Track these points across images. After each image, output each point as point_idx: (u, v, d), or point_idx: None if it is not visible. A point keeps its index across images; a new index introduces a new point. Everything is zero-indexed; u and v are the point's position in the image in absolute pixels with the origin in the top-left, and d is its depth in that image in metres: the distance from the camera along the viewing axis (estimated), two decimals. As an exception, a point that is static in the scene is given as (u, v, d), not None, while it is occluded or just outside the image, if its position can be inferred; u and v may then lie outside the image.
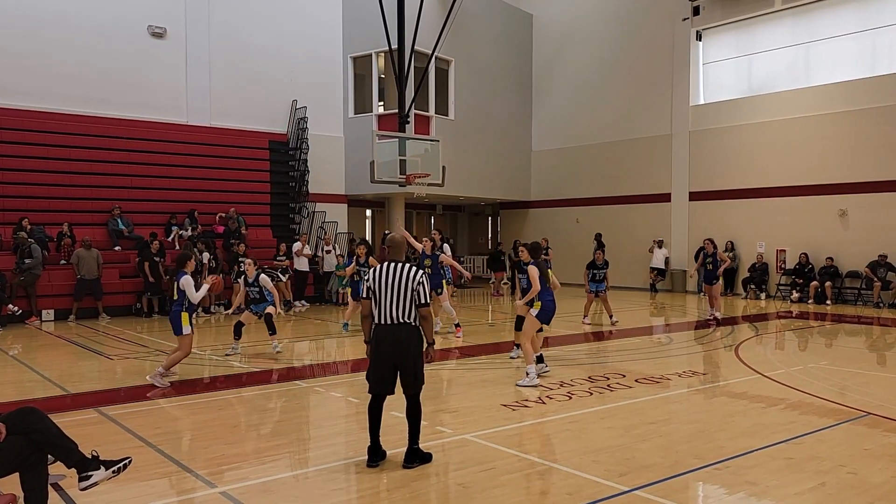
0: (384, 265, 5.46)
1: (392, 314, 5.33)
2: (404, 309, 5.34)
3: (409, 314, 5.36)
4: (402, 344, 5.33)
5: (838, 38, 19.29)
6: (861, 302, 18.11)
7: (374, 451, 5.44)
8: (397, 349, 5.32)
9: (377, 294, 5.38)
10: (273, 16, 20.14)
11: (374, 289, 5.39)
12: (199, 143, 18.68)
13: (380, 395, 5.45)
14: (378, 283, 5.37)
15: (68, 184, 16.53)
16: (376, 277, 5.40)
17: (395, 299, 5.32)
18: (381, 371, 5.38)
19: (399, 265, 5.43)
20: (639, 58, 23.26)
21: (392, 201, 22.97)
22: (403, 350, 5.33)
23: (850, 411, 7.12)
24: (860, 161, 18.29)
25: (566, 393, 7.85)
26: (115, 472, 4.46)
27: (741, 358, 10.23)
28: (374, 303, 5.40)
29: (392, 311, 5.33)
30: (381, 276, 5.38)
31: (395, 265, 5.43)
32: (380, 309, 5.37)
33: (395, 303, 5.32)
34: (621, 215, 23.34)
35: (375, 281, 5.39)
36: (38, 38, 16.51)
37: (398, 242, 5.66)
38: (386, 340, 5.33)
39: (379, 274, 5.40)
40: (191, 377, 9.29)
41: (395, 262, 5.47)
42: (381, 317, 5.37)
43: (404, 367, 5.35)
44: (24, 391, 7.99)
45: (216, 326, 14.32)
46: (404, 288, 5.33)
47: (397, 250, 5.61)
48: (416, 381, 5.40)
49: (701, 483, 5.19)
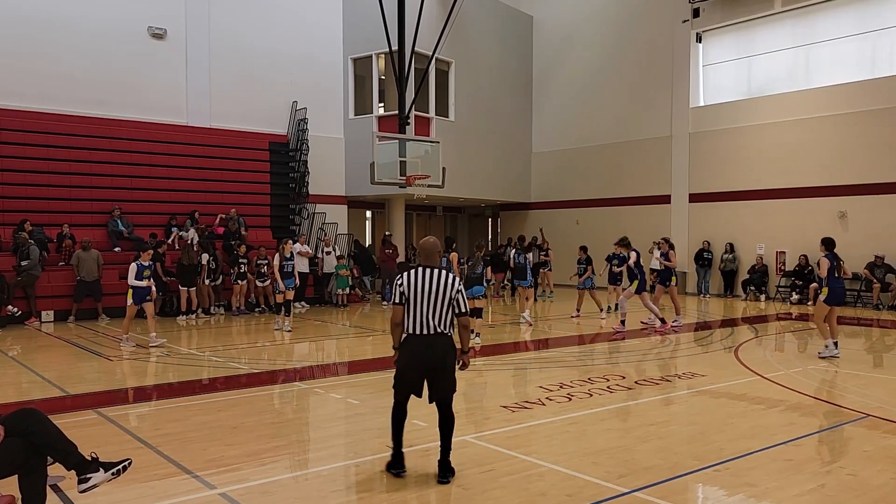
0: (419, 271, 5.11)
1: (428, 324, 5.00)
2: (441, 318, 5.03)
3: (445, 324, 5.05)
4: (437, 357, 5.01)
5: (838, 40, 19.31)
6: (860, 304, 18.11)
7: (399, 458, 5.21)
8: (431, 362, 5.00)
9: (412, 301, 5.04)
10: (273, 17, 20.14)
11: (409, 295, 5.05)
12: (200, 144, 18.67)
13: (404, 400, 5.20)
14: (413, 290, 5.03)
15: (68, 185, 16.52)
16: (410, 283, 5.06)
17: (432, 308, 5.00)
18: (410, 379, 5.10)
19: (435, 271, 5.10)
20: (639, 60, 23.29)
21: (392, 203, 22.98)
22: (439, 362, 5.01)
23: (850, 413, 7.12)
24: (860, 163, 18.31)
25: (566, 394, 7.85)
26: (114, 473, 4.46)
27: (741, 360, 10.22)
28: (408, 311, 5.06)
29: (428, 320, 5.00)
30: (417, 283, 5.05)
31: (430, 271, 5.09)
32: (414, 317, 5.03)
33: (431, 312, 5.00)
34: (621, 217, 23.33)
35: (410, 287, 5.05)
36: (39, 39, 16.51)
37: (432, 247, 5.28)
38: (419, 353, 5.02)
39: (414, 280, 5.07)
40: (190, 378, 9.29)
41: (430, 267, 5.13)
42: (416, 326, 5.03)
43: (438, 379, 5.05)
44: (24, 392, 7.98)
45: (216, 327, 14.32)
46: (442, 296, 5.02)
47: (432, 255, 5.24)
48: (450, 390, 5.10)
49: (701, 485, 5.19)
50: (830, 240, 10.33)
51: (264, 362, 10.26)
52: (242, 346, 11.99)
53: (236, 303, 16.21)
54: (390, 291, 18.58)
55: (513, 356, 11.11)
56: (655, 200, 22.84)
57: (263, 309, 16.55)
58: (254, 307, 16.65)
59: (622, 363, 10.44)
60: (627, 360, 10.82)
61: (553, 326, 14.49)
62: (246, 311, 16.32)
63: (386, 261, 19.09)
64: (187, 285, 15.31)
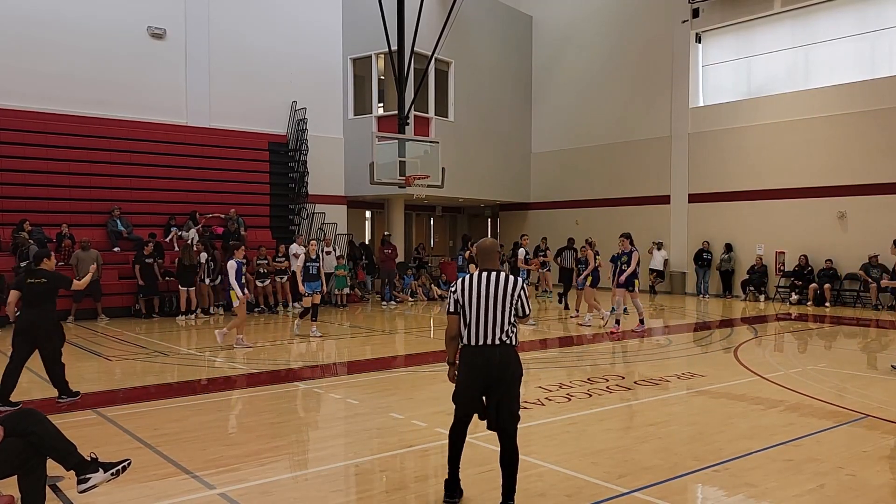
0: (478, 275, 4.58)
1: (486, 333, 4.45)
2: (502, 326, 4.46)
3: (506, 331, 4.48)
4: (497, 367, 4.43)
5: (838, 40, 19.32)
6: (860, 304, 18.12)
7: (453, 485, 4.68)
8: (491, 374, 4.44)
9: (468, 309, 4.50)
10: (273, 17, 20.13)
11: (464, 302, 4.52)
12: (199, 144, 18.66)
13: (465, 418, 4.65)
14: (470, 296, 4.51)
15: (68, 185, 16.51)
16: (466, 289, 4.55)
17: (492, 314, 4.46)
18: (469, 395, 4.57)
19: (495, 274, 4.57)
20: (638, 60, 23.29)
21: (391, 203, 22.98)
22: (500, 374, 4.44)
23: (849, 413, 7.12)
24: (859, 163, 18.31)
25: (565, 395, 7.85)
26: (113, 474, 4.46)
27: (740, 360, 10.23)
28: (464, 320, 4.53)
29: (486, 328, 4.45)
30: (475, 288, 4.52)
31: (489, 274, 4.57)
32: (470, 326, 4.49)
33: (491, 319, 4.46)
34: (621, 217, 23.33)
35: (465, 293, 4.53)
36: (38, 39, 16.49)
37: (491, 247, 4.78)
38: (476, 365, 4.47)
39: (470, 285, 4.54)
40: (189, 378, 9.29)
41: (489, 270, 4.61)
42: (473, 336, 4.48)
43: (500, 397, 4.47)
44: (23, 392, 7.97)
45: (215, 327, 14.30)
46: (502, 300, 4.48)
47: (491, 257, 4.72)
48: (513, 414, 4.50)
49: (700, 485, 5.19)
50: None
51: (264, 362, 10.26)
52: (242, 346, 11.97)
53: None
54: (389, 292, 18.89)
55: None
56: (655, 201, 22.85)
57: (263, 309, 16.54)
58: (253, 307, 16.64)
59: (622, 363, 10.44)
60: (627, 360, 10.82)
61: (552, 326, 14.48)
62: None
63: (385, 261, 19.09)
64: (187, 285, 15.31)
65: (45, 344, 7.36)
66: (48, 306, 7.44)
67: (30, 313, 7.33)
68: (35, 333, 7.31)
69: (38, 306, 7.34)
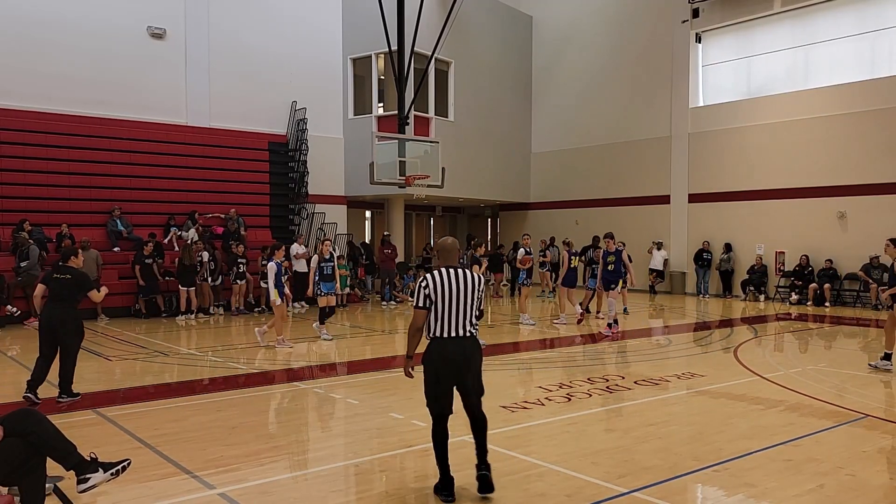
0: (445, 271, 4.87)
1: (457, 325, 4.80)
2: (470, 319, 4.85)
3: (472, 324, 4.88)
4: (467, 359, 4.83)
5: (837, 40, 19.32)
6: (860, 304, 18.12)
7: (448, 483, 4.83)
8: (462, 365, 4.81)
9: (439, 304, 4.78)
10: (272, 16, 20.14)
11: (436, 297, 4.78)
12: (199, 144, 18.67)
13: (445, 416, 4.89)
14: (440, 292, 4.79)
15: (67, 185, 16.52)
16: (437, 285, 4.80)
17: (462, 308, 4.81)
18: (443, 389, 4.82)
19: (460, 271, 4.89)
20: (638, 60, 23.29)
21: (391, 203, 22.98)
22: (467, 364, 4.83)
23: (849, 413, 7.12)
24: (859, 163, 18.31)
25: (565, 395, 7.85)
26: (113, 474, 4.46)
27: (740, 360, 10.23)
28: (435, 314, 4.80)
29: (458, 321, 4.80)
30: (446, 284, 4.81)
31: (455, 271, 4.88)
32: (441, 320, 4.79)
33: (462, 312, 4.81)
34: (620, 217, 23.34)
35: (437, 289, 4.79)
36: (38, 39, 16.50)
37: (452, 246, 5.06)
38: (449, 355, 4.79)
39: (441, 281, 4.82)
40: (189, 378, 9.29)
41: (454, 268, 4.91)
42: (445, 328, 4.79)
43: (468, 380, 4.84)
44: (22, 392, 7.97)
45: (215, 327, 14.32)
46: (471, 296, 4.85)
47: (453, 255, 5.04)
48: (481, 392, 4.96)
49: (700, 485, 5.19)
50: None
51: (264, 362, 10.26)
52: (242, 346, 11.98)
53: (236, 303, 16.21)
54: (389, 291, 18.89)
55: (512, 356, 11.11)
56: (655, 201, 22.85)
57: (263, 309, 16.54)
58: (253, 307, 16.65)
59: (621, 363, 10.44)
60: (627, 360, 10.83)
61: (551, 326, 14.47)
62: (245, 311, 16.32)
63: (385, 261, 19.10)
64: (187, 285, 15.31)
65: (65, 339, 7.48)
66: (71, 303, 7.54)
67: (52, 308, 7.49)
68: (56, 328, 7.44)
69: (60, 302, 7.49)
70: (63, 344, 7.49)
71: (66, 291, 7.50)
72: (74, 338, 7.55)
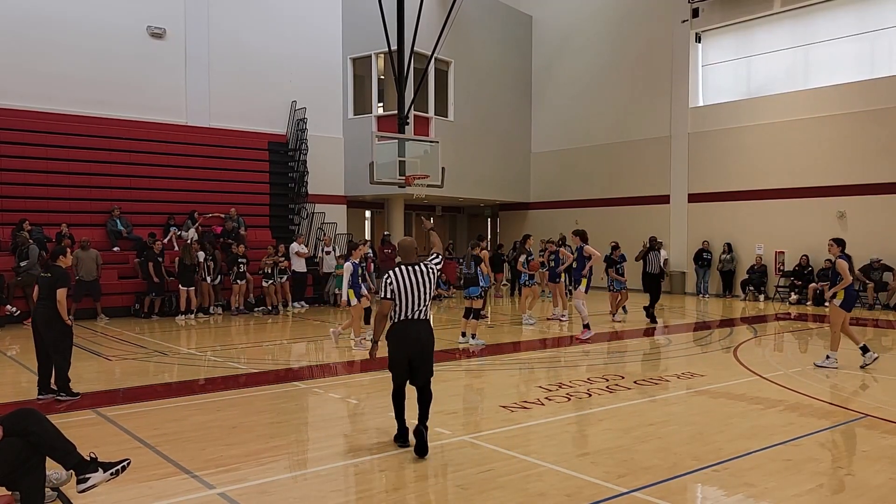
0: (404, 268, 5.81)
1: (415, 310, 5.74)
2: (426, 306, 5.82)
3: (427, 310, 5.85)
4: (423, 340, 5.78)
5: (837, 40, 19.32)
6: (859, 304, 18.11)
7: (403, 433, 5.91)
8: (419, 345, 5.75)
9: (401, 295, 5.71)
10: (272, 16, 20.13)
11: (398, 289, 5.71)
12: (199, 144, 18.66)
13: (403, 383, 5.87)
14: (403, 284, 5.72)
15: (67, 184, 16.51)
16: (399, 279, 5.74)
17: (419, 297, 5.74)
18: (403, 362, 5.76)
19: (417, 266, 5.85)
20: (638, 59, 23.29)
21: (391, 203, 22.98)
22: (424, 345, 5.79)
23: (849, 413, 7.12)
24: (859, 163, 18.31)
25: (565, 394, 7.85)
26: (113, 474, 4.46)
27: (740, 360, 10.23)
28: (397, 303, 5.72)
29: (415, 307, 5.74)
30: (406, 278, 5.75)
31: (412, 266, 5.84)
32: (402, 308, 5.72)
33: (419, 300, 5.74)
34: (620, 217, 23.34)
35: (399, 282, 5.73)
36: (38, 38, 16.49)
37: (409, 245, 6.06)
38: (408, 338, 5.74)
39: (402, 275, 5.76)
40: (189, 378, 9.29)
41: (411, 264, 5.87)
42: (405, 313, 5.73)
43: (422, 361, 5.77)
44: (22, 392, 7.98)
45: (215, 327, 14.32)
46: (426, 286, 5.79)
47: (410, 253, 6.00)
48: (430, 371, 5.86)
49: (699, 485, 5.20)
50: (843, 240, 9.97)
51: (263, 362, 10.26)
52: (241, 345, 11.99)
53: (235, 302, 16.21)
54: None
55: (512, 356, 11.11)
56: (654, 200, 22.85)
57: (265, 309, 16.53)
58: (253, 307, 16.65)
59: (621, 363, 10.44)
60: (626, 360, 10.83)
61: (551, 326, 14.48)
62: (245, 311, 16.33)
63: (385, 261, 19.09)
64: (187, 285, 15.31)
65: (45, 334, 7.53)
66: (48, 302, 7.55)
67: (38, 308, 7.64)
68: (40, 328, 7.56)
69: (42, 299, 7.61)
70: (50, 343, 7.50)
71: (47, 290, 7.54)
72: (59, 336, 7.55)
